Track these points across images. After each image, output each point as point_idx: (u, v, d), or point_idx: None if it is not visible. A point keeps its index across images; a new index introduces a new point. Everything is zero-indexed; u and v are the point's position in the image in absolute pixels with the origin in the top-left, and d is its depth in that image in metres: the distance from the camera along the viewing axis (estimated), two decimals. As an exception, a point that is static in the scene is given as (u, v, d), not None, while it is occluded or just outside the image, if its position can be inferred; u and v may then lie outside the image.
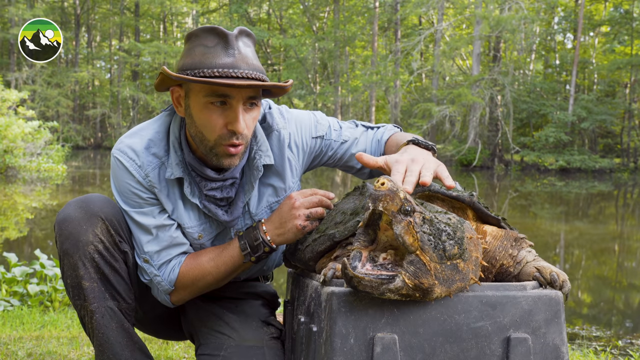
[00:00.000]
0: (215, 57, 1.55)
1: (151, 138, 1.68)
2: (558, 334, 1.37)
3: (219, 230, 1.76)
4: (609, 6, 29.62)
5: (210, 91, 1.55)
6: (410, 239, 1.25)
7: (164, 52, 31.81)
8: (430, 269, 1.26)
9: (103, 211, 1.64)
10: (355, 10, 30.76)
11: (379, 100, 29.04)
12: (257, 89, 1.60)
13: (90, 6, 38.29)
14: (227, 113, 1.57)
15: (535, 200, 14.00)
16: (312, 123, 1.83)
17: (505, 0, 24.38)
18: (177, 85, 1.64)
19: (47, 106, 31.29)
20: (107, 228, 1.63)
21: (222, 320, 1.83)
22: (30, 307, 3.87)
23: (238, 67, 1.55)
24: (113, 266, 1.64)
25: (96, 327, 1.64)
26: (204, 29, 1.59)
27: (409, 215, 1.26)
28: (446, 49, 25.65)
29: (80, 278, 1.61)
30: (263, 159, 1.71)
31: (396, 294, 1.26)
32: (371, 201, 1.26)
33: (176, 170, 1.65)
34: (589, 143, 26.82)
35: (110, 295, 1.64)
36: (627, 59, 25.61)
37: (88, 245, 1.60)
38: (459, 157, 24.37)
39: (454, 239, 1.29)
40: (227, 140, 1.58)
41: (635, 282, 6.52)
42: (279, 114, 1.80)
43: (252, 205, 1.76)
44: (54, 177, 15.00)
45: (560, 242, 8.56)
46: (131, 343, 1.68)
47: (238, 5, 31.34)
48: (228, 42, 1.56)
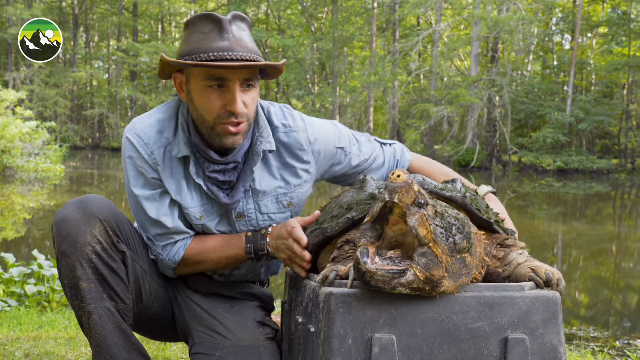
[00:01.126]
0: (211, 42, 1.62)
1: (160, 119, 1.76)
2: (556, 335, 1.37)
3: (221, 212, 1.79)
4: (607, 7, 29.66)
5: (208, 75, 1.63)
6: (424, 232, 1.26)
7: (162, 52, 31.78)
8: (442, 262, 1.27)
9: (102, 212, 1.65)
10: (353, 11, 30.75)
11: (377, 101, 29.04)
12: (254, 70, 1.67)
13: (89, 6, 38.25)
14: (225, 95, 1.64)
15: (533, 201, 14.01)
16: (335, 133, 1.87)
17: (504, 1, 24.40)
18: (179, 71, 1.72)
19: (45, 106, 31.25)
20: (106, 229, 1.64)
21: (217, 320, 1.83)
22: (28, 307, 3.87)
23: (233, 50, 1.62)
24: (111, 267, 1.64)
25: (93, 328, 1.63)
26: (199, 16, 1.67)
27: (422, 208, 1.28)
28: (444, 50, 25.66)
29: (78, 279, 1.61)
30: (264, 145, 1.75)
31: (407, 288, 1.27)
32: (387, 193, 1.27)
33: (184, 149, 1.71)
34: (586, 144, 26.84)
35: (108, 296, 1.65)
36: (625, 60, 25.64)
37: (86, 247, 1.60)
38: (457, 157, 24.38)
39: (463, 233, 1.31)
40: (225, 120, 1.65)
41: (633, 283, 6.53)
42: (300, 118, 1.84)
43: (257, 189, 1.79)
44: (52, 178, 14.98)
45: (558, 243, 8.57)
46: (128, 344, 1.68)
47: (237, 5, 31.33)
48: (223, 27, 1.64)
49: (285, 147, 1.80)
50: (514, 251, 1.53)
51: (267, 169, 1.79)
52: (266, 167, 1.79)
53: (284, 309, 1.79)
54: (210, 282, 1.91)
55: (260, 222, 1.82)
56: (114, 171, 19.71)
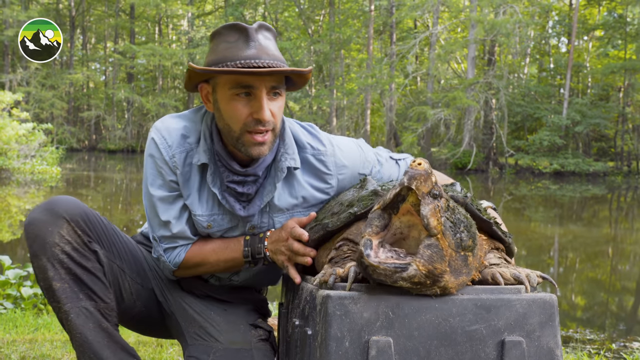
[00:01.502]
0: (237, 50, 1.62)
1: (187, 125, 1.76)
2: (552, 337, 1.38)
3: (231, 225, 1.78)
4: (602, 10, 29.76)
5: (235, 83, 1.62)
6: (435, 222, 1.27)
7: (159, 55, 31.77)
8: (446, 255, 1.28)
9: (68, 212, 1.64)
10: (350, 14, 30.78)
11: (374, 103, 29.05)
12: (280, 78, 1.66)
13: (86, 8, 38.21)
14: (252, 103, 1.63)
15: (530, 204, 14.03)
16: (360, 158, 1.84)
17: (500, 4, 24.46)
18: (205, 82, 1.71)
19: (42, 108, 31.20)
20: (73, 229, 1.64)
21: (209, 323, 1.84)
22: (24, 310, 3.85)
23: (259, 57, 1.61)
24: (84, 266, 1.64)
25: (73, 328, 1.63)
26: (225, 26, 1.67)
27: (437, 199, 1.29)
28: (441, 53, 25.70)
29: (51, 279, 1.61)
30: (288, 162, 1.74)
31: (408, 282, 1.28)
32: (407, 178, 1.28)
33: (202, 156, 1.71)
34: (583, 146, 26.92)
35: (86, 296, 1.64)
36: (621, 63, 25.73)
37: (54, 247, 1.61)
38: (453, 160, 24.42)
39: (470, 232, 1.33)
40: (251, 127, 1.63)
41: (628, 285, 6.54)
42: (328, 141, 1.82)
43: (274, 205, 1.78)
44: (48, 179, 14.94)
45: (554, 245, 8.58)
46: (112, 343, 1.67)
47: (234, 8, 31.34)
48: (249, 36, 1.64)
49: (311, 168, 1.78)
50: (495, 253, 1.54)
51: (287, 186, 1.77)
52: (287, 184, 1.77)
53: (281, 312, 1.79)
54: (205, 285, 1.91)
55: None
56: (110, 173, 19.68)
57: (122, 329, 3.24)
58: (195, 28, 36.08)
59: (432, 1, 24.74)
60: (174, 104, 33.03)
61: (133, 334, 3.08)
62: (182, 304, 1.88)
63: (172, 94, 38.13)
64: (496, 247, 1.56)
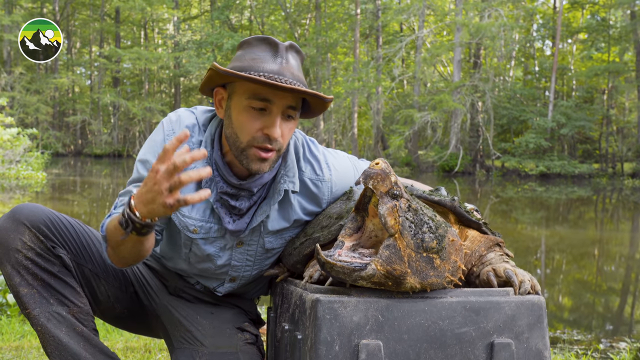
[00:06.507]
0: (263, 63, 1.60)
1: (196, 123, 1.73)
2: (541, 339, 1.38)
3: (217, 235, 1.74)
4: (586, 14, 30.09)
5: (253, 93, 1.59)
6: (392, 221, 1.27)
7: (144, 58, 31.62)
8: (404, 256, 1.27)
9: (29, 219, 1.62)
10: (336, 17, 30.87)
11: (361, 106, 29.13)
12: (297, 100, 1.63)
13: (70, 12, 37.98)
14: (265, 118, 1.60)
15: (516, 206, 14.12)
16: (352, 181, 1.84)
17: (485, 7, 24.65)
18: (221, 87, 1.68)
19: (26, 113, 30.93)
20: (36, 235, 1.62)
21: (195, 327, 1.83)
22: (10, 317, 3.81)
23: (283, 74, 1.59)
24: (50, 271, 1.62)
25: (45, 333, 1.60)
26: (257, 37, 1.65)
27: (396, 199, 1.29)
28: (427, 56, 25.83)
29: (17, 286, 1.60)
30: (287, 184, 1.72)
31: (368, 281, 1.29)
32: (362, 177, 1.29)
33: (199, 163, 1.66)
34: (568, 149, 27.17)
35: (57, 301, 1.62)
36: (605, 66, 26.04)
37: (17, 253, 1.59)
38: (440, 163, 24.53)
39: (434, 234, 1.32)
40: (259, 143, 1.60)
41: (614, 286, 6.60)
42: (325, 164, 1.80)
43: (267, 227, 1.75)
44: (34, 185, 14.80)
45: (541, 246, 8.64)
46: (89, 346, 1.64)
47: (220, 12, 31.31)
48: (278, 51, 1.62)
49: (307, 191, 1.77)
50: (495, 251, 1.54)
51: (282, 209, 1.75)
52: (282, 207, 1.75)
53: (270, 316, 1.78)
54: (193, 289, 1.90)
55: (258, 253, 1.80)
56: (96, 178, 19.55)
57: (111, 334, 3.22)
58: (181, 32, 35.97)
59: (417, 5, 24.89)
60: (161, 108, 32.87)
61: (121, 339, 3.06)
62: (169, 307, 1.87)
63: (159, 98, 37.96)
64: (497, 243, 1.56)
